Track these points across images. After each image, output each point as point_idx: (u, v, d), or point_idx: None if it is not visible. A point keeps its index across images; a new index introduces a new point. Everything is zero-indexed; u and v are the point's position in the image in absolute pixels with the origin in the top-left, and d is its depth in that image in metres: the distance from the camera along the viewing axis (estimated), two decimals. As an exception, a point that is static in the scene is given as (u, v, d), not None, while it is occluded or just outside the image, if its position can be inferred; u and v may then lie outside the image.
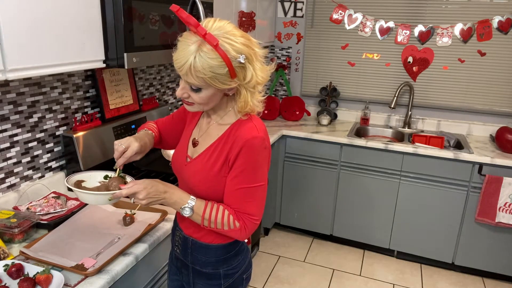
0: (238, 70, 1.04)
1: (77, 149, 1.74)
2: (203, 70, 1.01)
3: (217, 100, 1.13)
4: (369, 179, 2.88)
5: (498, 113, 2.97)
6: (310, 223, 3.17)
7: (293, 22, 3.37)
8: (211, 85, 1.05)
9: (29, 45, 1.23)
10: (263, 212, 1.19)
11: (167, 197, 1.14)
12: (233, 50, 1.01)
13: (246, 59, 1.04)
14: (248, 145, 1.11)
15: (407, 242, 2.91)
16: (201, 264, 1.26)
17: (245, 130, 1.13)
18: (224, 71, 1.02)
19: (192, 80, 1.05)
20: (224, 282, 1.27)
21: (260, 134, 1.13)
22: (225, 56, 1.01)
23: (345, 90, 3.35)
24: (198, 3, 1.88)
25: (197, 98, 1.10)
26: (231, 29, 1.05)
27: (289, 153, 3.07)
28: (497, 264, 2.71)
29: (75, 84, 1.85)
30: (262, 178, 1.15)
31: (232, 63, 1.02)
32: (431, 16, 2.96)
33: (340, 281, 2.75)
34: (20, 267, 1.19)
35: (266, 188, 1.18)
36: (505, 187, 2.51)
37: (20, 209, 1.52)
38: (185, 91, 1.10)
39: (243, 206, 1.14)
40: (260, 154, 1.13)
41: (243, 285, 1.34)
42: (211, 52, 1.00)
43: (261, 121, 1.20)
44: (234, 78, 1.05)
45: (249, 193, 1.14)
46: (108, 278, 1.21)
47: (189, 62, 1.01)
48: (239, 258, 1.29)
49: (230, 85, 1.06)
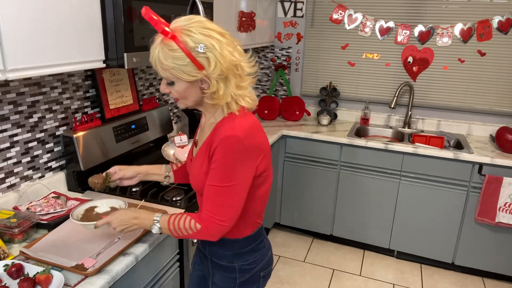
0: (203, 61, 1.07)
1: (77, 149, 1.74)
2: (166, 62, 1.07)
3: (195, 95, 1.15)
4: (369, 179, 2.88)
5: (498, 113, 2.97)
6: (310, 223, 3.17)
7: (293, 22, 3.37)
8: (179, 78, 1.10)
9: (29, 45, 1.23)
10: (235, 214, 1.16)
11: (138, 222, 1.23)
12: (191, 41, 1.06)
13: (206, 48, 1.06)
14: (222, 144, 1.11)
15: (407, 242, 2.91)
16: (218, 257, 1.30)
17: (224, 129, 1.14)
18: (186, 62, 1.07)
19: (162, 73, 1.12)
20: (239, 276, 1.29)
21: (237, 133, 1.11)
22: (183, 47, 1.05)
23: (345, 90, 3.35)
24: (198, 3, 1.88)
25: (174, 92, 1.15)
26: (194, 23, 1.08)
27: (289, 153, 3.07)
28: (497, 264, 2.71)
29: (75, 84, 1.85)
30: (235, 178, 1.12)
31: (192, 54, 1.06)
32: (431, 16, 2.96)
33: (340, 281, 2.75)
34: (20, 267, 1.19)
35: (239, 188, 1.14)
36: (505, 187, 2.51)
37: (20, 209, 1.52)
38: (164, 86, 1.16)
39: (211, 205, 1.15)
40: (234, 154, 1.11)
41: (260, 282, 1.35)
42: (171, 44, 1.06)
43: (247, 120, 1.17)
44: (202, 69, 1.08)
45: (218, 192, 1.14)
46: (108, 278, 1.21)
47: (155, 55, 1.09)
48: (256, 254, 1.31)
49: (197, 76, 1.09)
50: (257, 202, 1.26)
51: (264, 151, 1.20)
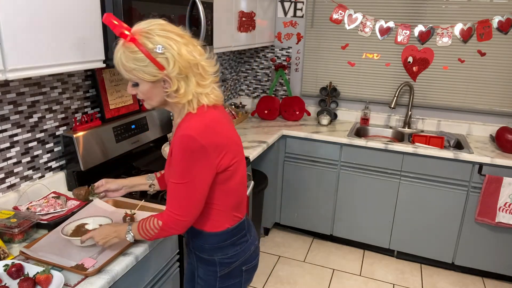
0: (162, 61, 1.12)
1: (77, 149, 1.74)
2: (128, 64, 1.13)
3: (159, 95, 1.20)
4: (369, 179, 2.88)
5: (498, 113, 2.97)
6: (310, 223, 3.17)
7: (293, 22, 3.37)
8: (142, 79, 1.15)
9: (29, 45, 1.23)
10: (194, 209, 1.21)
11: (117, 235, 1.28)
12: (150, 43, 1.11)
13: (164, 48, 1.11)
14: (176, 142, 1.16)
15: (407, 242, 2.91)
16: (200, 250, 1.34)
17: (180, 128, 1.18)
18: (146, 63, 1.12)
19: (125, 75, 1.17)
20: (220, 270, 1.33)
21: (190, 132, 1.14)
22: (142, 48, 1.11)
23: (345, 90, 3.35)
24: (198, 3, 1.88)
25: (139, 93, 1.21)
26: (153, 26, 1.13)
27: (289, 153, 3.07)
28: (497, 264, 2.71)
29: (75, 84, 1.85)
30: (190, 175, 1.17)
31: (152, 54, 1.11)
32: (431, 16, 2.96)
33: (340, 281, 2.75)
34: (20, 267, 1.19)
35: (195, 185, 1.18)
36: (505, 187, 2.51)
37: (20, 209, 1.52)
38: (130, 87, 1.21)
39: (170, 201, 1.21)
40: (188, 152, 1.15)
41: (242, 276, 1.38)
42: (132, 47, 1.12)
43: (205, 118, 1.20)
44: (162, 70, 1.13)
45: (175, 189, 1.19)
46: (108, 278, 1.21)
47: (117, 58, 1.15)
48: (237, 248, 1.34)
49: (158, 76, 1.14)
50: (229, 196, 1.29)
51: (226, 148, 1.23)
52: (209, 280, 1.35)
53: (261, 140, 2.74)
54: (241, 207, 1.36)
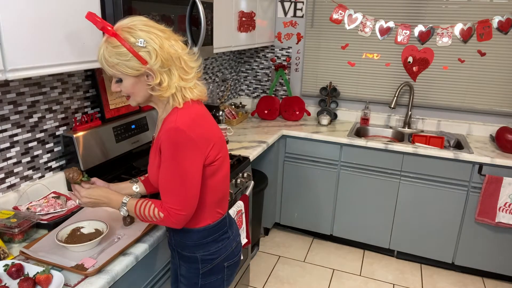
0: (145, 55, 1.14)
1: (77, 149, 1.74)
2: (111, 59, 1.14)
3: (143, 90, 1.20)
4: (369, 179, 2.88)
5: (498, 113, 2.97)
6: (310, 223, 3.17)
7: (293, 22, 3.37)
8: (125, 74, 1.16)
9: (29, 45, 1.23)
10: (192, 202, 1.21)
11: (107, 201, 1.31)
12: (132, 37, 1.13)
13: (146, 42, 1.13)
14: (165, 137, 1.17)
15: (407, 242, 2.91)
16: (182, 247, 1.34)
17: (167, 122, 1.19)
18: (129, 57, 1.13)
19: (108, 71, 1.18)
20: (202, 267, 1.34)
21: (178, 125, 1.15)
22: (125, 43, 1.12)
23: (345, 90, 3.35)
24: (198, 3, 1.88)
25: (124, 89, 1.22)
26: (136, 21, 1.15)
27: (289, 153, 3.07)
28: (497, 264, 2.71)
29: (75, 84, 1.85)
30: (184, 168, 1.17)
31: (134, 49, 1.13)
32: (431, 16, 2.97)
33: (340, 281, 2.75)
34: (20, 267, 1.19)
35: (190, 178, 1.19)
36: (505, 187, 2.51)
37: (20, 209, 1.52)
38: (114, 84, 1.23)
39: (167, 197, 1.21)
40: (179, 145, 1.15)
41: (225, 272, 1.39)
42: (114, 42, 1.13)
43: (191, 112, 1.21)
44: (145, 64, 1.14)
45: (171, 184, 1.19)
46: (108, 278, 1.21)
47: (100, 54, 1.16)
48: (219, 245, 1.35)
49: (141, 70, 1.15)
50: (213, 192, 1.30)
51: (213, 141, 1.25)
52: (191, 277, 1.36)
53: (261, 140, 2.74)
54: (223, 203, 1.37)
